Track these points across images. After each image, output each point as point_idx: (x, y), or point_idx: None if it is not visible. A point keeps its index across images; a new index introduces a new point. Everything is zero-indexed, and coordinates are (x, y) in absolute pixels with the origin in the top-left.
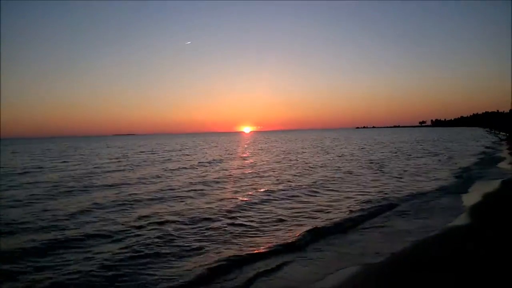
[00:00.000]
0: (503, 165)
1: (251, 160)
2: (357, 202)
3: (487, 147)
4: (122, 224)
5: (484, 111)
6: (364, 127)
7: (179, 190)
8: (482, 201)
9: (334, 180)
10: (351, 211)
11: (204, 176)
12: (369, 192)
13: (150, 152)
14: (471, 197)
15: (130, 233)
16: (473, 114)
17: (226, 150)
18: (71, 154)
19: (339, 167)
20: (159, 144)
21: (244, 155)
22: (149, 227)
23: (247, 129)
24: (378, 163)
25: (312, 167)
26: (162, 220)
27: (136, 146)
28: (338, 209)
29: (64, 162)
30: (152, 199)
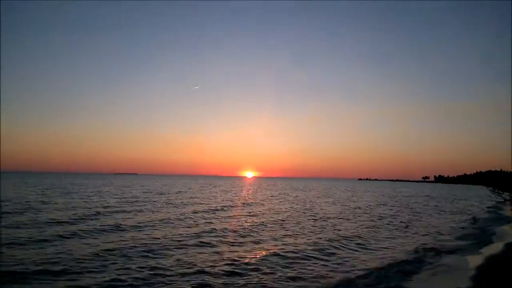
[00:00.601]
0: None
1: (276, 208)
2: None
3: (488, 207)
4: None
5: (487, 170)
6: (366, 178)
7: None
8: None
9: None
10: None
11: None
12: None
13: (173, 193)
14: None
15: None
16: (476, 172)
17: (235, 195)
18: (81, 191)
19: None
20: (165, 185)
21: (262, 201)
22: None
23: (249, 174)
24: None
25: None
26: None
27: (151, 186)
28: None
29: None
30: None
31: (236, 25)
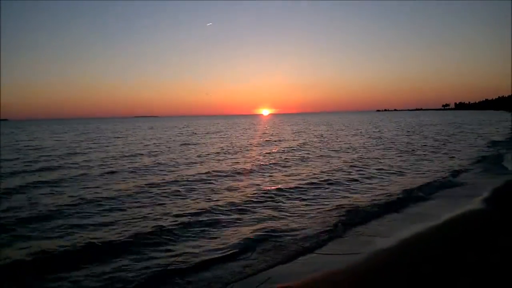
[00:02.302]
0: None
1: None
2: None
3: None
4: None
5: (510, 94)
6: (385, 109)
7: None
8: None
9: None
10: None
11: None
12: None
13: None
14: None
15: None
16: (499, 97)
17: (270, 134)
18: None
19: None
20: (200, 126)
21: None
22: None
23: (265, 111)
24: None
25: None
26: None
27: (177, 127)
28: None
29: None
30: None
31: None
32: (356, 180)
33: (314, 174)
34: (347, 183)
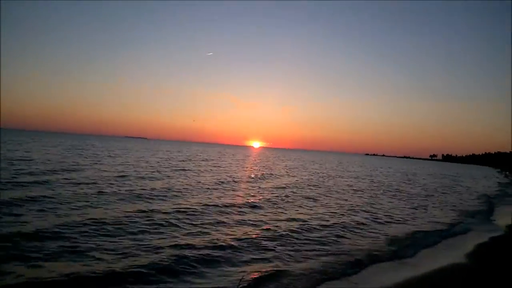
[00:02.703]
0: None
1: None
2: None
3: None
4: None
5: (496, 151)
6: (374, 154)
7: None
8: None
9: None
10: None
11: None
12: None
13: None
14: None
15: None
16: (485, 152)
17: (263, 167)
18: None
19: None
20: (193, 153)
21: (286, 173)
22: None
23: (256, 144)
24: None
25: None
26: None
27: (172, 152)
28: None
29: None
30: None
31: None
32: (364, 224)
33: (315, 215)
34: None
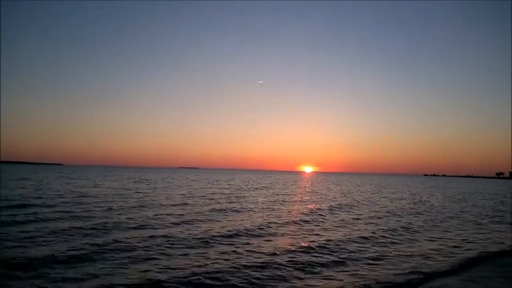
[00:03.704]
0: None
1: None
2: None
3: None
4: None
5: None
6: (433, 174)
7: None
8: None
9: None
10: None
11: None
12: None
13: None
14: None
15: None
16: None
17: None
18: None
19: None
20: (249, 180)
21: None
22: None
23: (307, 169)
24: None
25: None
26: None
27: (231, 180)
28: None
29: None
30: None
31: (305, 24)
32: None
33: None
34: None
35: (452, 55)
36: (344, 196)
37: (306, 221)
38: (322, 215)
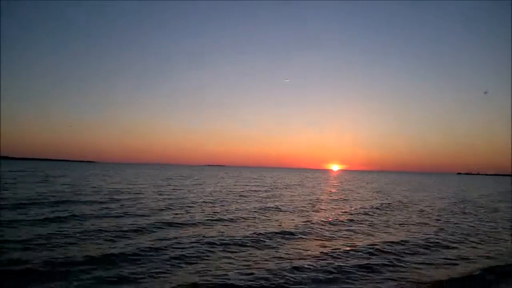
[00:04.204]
0: None
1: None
2: None
3: None
4: None
5: None
6: (467, 173)
7: None
8: None
9: None
10: None
11: None
12: None
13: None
14: None
15: None
16: None
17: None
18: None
19: None
20: (282, 178)
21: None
22: None
23: (335, 167)
24: None
25: None
26: None
27: (258, 177)
28: None
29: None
30: None
31: (336, 24)
32: None
33: None
34: None
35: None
36: (384, 195)
37: (354, 221)
38: (369, 214)
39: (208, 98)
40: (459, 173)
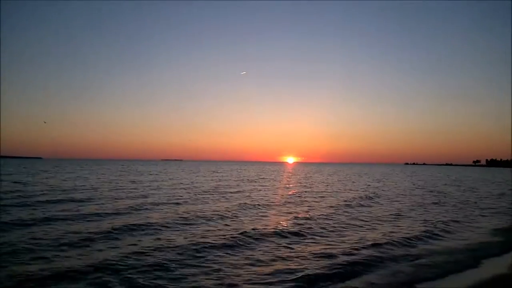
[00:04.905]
0: None
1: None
2: None
3: None
4: None
5: None
6: (413, 163)
7: None
8: None
9: None
10: None
11: None
12: None
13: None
14: None
15: None
16: None
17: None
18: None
19: None
20: (237, 171)
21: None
22: None
23: (290, 159)
24: None
25: None
26: None
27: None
28: None
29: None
30: None
31: (290, 15)
32: None
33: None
34: None
35: (428, 44)
36: (365, 187)
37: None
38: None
39: (164, 92)
40: (407, 163)
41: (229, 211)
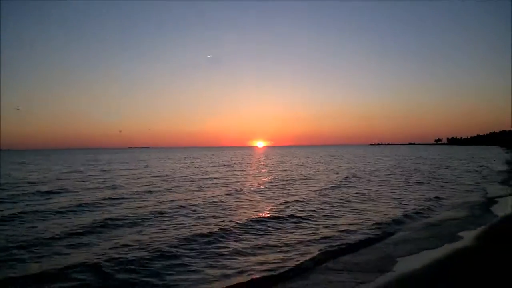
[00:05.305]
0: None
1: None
2: None
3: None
4: None
5: (501, 130)
6: (378, 144)
7: None
8: None
9: None
10: None
11: None
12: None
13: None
14: None
15: None
16: (490, 132)
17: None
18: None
19: None
20: (204, 158)
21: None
22: None
23: (260, 143)
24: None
25: None
26: None
27: (190, 159)
28: None
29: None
30: None
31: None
32: None
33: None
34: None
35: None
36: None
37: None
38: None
39: (129, 78)
40: (372, 144)
41: (217, 199)
